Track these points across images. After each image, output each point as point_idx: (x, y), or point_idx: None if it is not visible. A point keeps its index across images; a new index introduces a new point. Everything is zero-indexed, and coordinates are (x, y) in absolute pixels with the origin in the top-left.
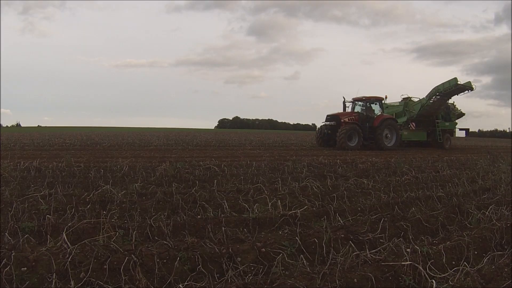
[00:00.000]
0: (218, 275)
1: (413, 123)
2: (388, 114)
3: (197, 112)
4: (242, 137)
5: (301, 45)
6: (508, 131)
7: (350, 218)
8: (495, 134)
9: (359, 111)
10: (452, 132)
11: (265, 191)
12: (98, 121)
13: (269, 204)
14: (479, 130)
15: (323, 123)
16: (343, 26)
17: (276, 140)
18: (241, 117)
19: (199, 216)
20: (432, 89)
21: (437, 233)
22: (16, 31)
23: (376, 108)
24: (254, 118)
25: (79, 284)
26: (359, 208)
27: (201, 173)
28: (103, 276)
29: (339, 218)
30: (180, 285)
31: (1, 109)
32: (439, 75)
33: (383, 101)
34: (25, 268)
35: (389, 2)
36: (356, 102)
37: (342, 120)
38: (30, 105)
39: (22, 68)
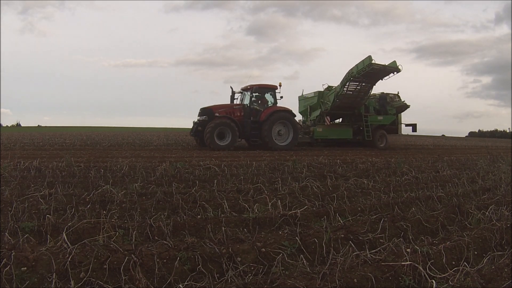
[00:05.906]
0: (218, 275)
1: (327, 117)
2: (281, 106)
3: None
4: None
5: (301, 44)
6: (508, 131)
7: (350, 218)
8: (495, 134)
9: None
10: (395, 128)
11: (265, 191)
12: (98, 121)
13: (269, 204)
14: (479, 130)
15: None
16: (342, 26)
17: None
18: None
19: (199, 216)
20: (346, 73)
21: (437, 233)
22: (16, 31)
23: (270, 99)
24: None
25: (79, 284)
26: (359, 208)
27: (201, 173)
28: (103, 276)
29: (339, 218)
30: (180, 285)
31: (1, 109)
32: (439, 75)
33: (277, 90)
34: (25, 268)
35: (389, 2)
36: (245, 93)
37: (216, 114)
38: (30, 105)
39: (22, 68)
